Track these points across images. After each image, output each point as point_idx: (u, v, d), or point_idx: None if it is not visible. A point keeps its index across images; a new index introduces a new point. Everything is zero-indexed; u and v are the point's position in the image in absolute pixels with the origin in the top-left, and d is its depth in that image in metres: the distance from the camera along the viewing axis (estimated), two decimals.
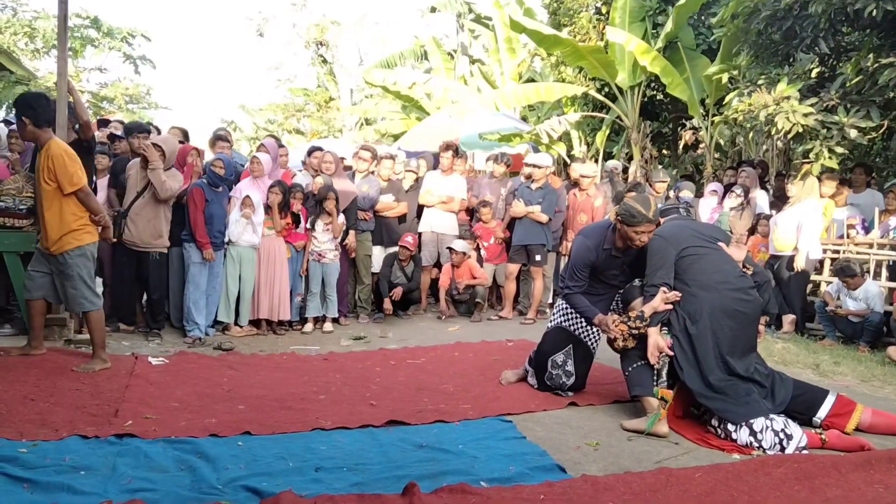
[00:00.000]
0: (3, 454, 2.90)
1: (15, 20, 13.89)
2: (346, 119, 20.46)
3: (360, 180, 7.24)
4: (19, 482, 2.67)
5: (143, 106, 16.17)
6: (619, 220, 3.92)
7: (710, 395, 3.61)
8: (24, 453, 2.95)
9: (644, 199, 3.89)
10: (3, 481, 2.67)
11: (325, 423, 3.59)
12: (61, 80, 5.31)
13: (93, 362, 4.51)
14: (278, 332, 6.29)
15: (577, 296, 4.19)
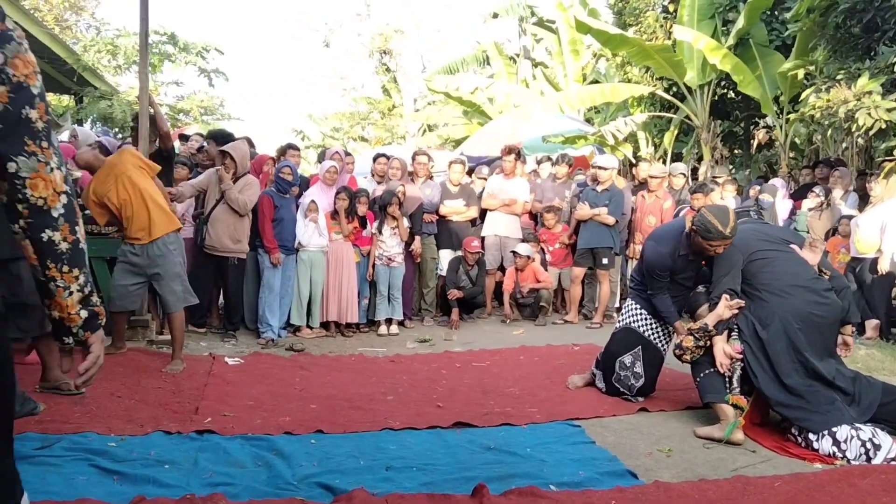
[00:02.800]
0: (94, 448, 3.06)
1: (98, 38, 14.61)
2: (408, 126, 20.68)
3: (422, 185, 7.32)
4: (110, 474, 2.81)
5: (217, 117, 16.76)
6: (694, 230, 3.84)
7: (787, 403, 3.49)
8: (113, 447, 3.10)
9: (723, 214, 3.75)
10: (95, 473, 2.82)
11: (394, 424, 3.65)
12: (143, 95, 5.57)
13: (175, 363, 4.69)
14: (346, 334, 6.41)
15: (661, 298, 4.12)
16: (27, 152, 1.42)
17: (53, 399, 3.70)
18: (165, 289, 4.70)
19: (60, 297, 1.49)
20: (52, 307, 1.51)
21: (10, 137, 1.40)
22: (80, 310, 1.53)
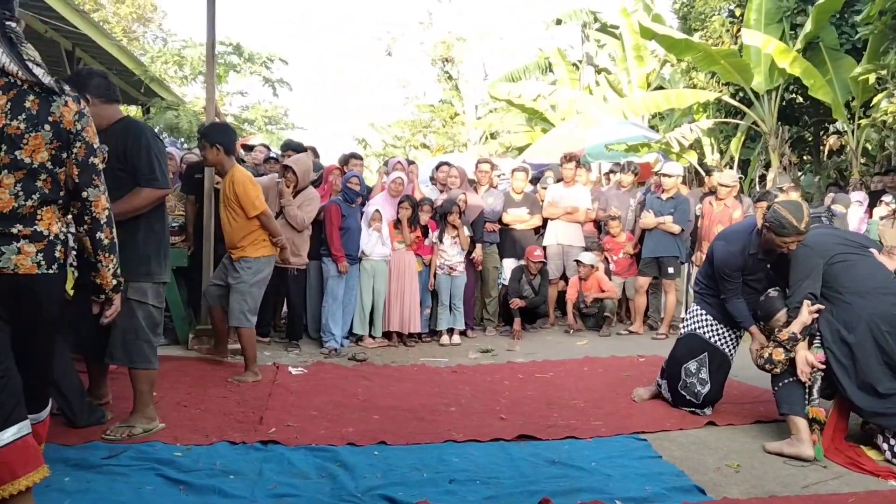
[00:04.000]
0: (161, 457, 3.12)
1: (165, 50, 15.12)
2: (470, 133, 20.71)
3: (485, 193, 7.29)
4: (176, 484, 2.86)
5: (281, 127, 17.15)
6: (767, 227, 3.69)
7: (882, 411, 3.34)
8: (179, 457, 3.16)
9: (796, 208, 3.63)
10: (161, 483, 2.87)
11: (457, 436, 3.61)
12: (209, 105, 5.72)
13: (245, 375, 4.77)
14: (408, 343, 6.42)
15: (734, 302, 3.97)
16: (94, 185, 2.28)
17: (120, 409, 3.80)
18: (232, 301, 4.81)
19: (104, 271, 2.38)
20: (97, 277, 2.39)
21: (84, 175, 2.24)
22: (112, 279, 2.41)
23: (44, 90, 2.10)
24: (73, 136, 2.18)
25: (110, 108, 3.34)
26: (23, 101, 2.08)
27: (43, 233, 2.14)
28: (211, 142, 4.64)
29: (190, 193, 5.75)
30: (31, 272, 2.10)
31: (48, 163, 2.14)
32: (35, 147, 2.10)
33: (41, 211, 2.15)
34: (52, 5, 7.43)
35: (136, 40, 20.76)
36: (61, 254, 2.20)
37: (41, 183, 2.14)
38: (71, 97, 2.19)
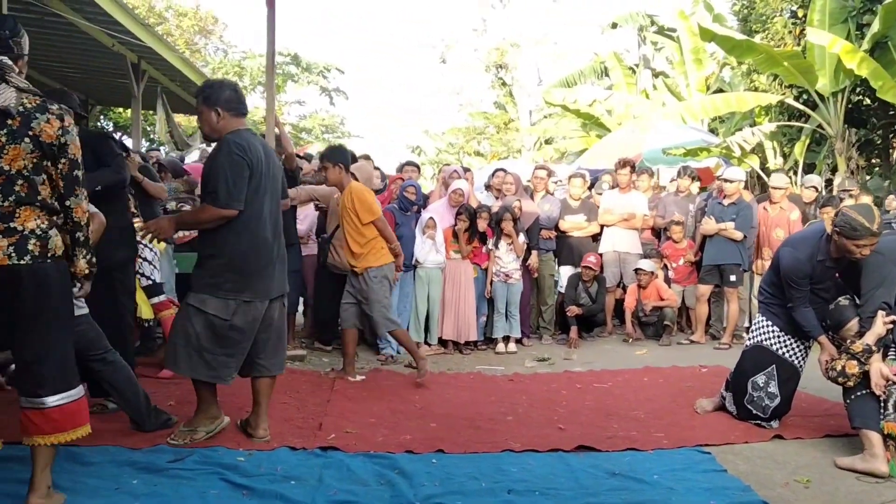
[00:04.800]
0: (224, 462, 3.18)
1: (226, 61, 15.62)
2: (524, 139, 20.63)
3: (541, 200, 7.24)
4: (239, 489, 2.90)
5: (338, 135, 17.47)
6: (838, 231, 3.55)
7: None
8: (241, 462, 3.20)
9: (867, 210, 3.50)
10: (225, 487, 2.92)
11: (515, 445, 3.58)
12: (269, 115, 5.85)
13: (420, 371, 4.98)
14: (464, 351, 6.40)
15: (802, 311, 3.84)
16: (75, 194, 2.61)
17: (186, 411, 3.88)
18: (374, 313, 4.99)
19: (78, 262, 2.67)
20: (72, 266, 2.66)
21: (67, 187, 2.58)
22: (84, 268, 2.68)
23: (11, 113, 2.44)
24: (56, 150, 2.51)
25: (236, 122, 3.41)
26: (5, 119, 2.45)
27: (17, 228, 2.47)
28: (333, 162, 4.92)
29: None
30: (2, 263, 2.43)
31: (24, 170, 2.47)
32: (14, 157, 2.44)
33: (19, 210, 2.48)
34: (120, 20, 7.72)
35: (198, 52, 21.39)
36: (35, 247, 2.48)
37: (18, 187, 2.47)
38: (54, 115, 2.52)
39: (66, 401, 2.58)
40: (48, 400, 2.54)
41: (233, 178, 3.26)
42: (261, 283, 3.41)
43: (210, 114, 3.37)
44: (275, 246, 3.47)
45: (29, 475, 2.58)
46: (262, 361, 3.58)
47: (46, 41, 8.66)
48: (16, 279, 2.46)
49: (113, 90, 11.62)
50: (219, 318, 3.34)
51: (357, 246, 5.01)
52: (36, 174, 2.49)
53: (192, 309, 3.37)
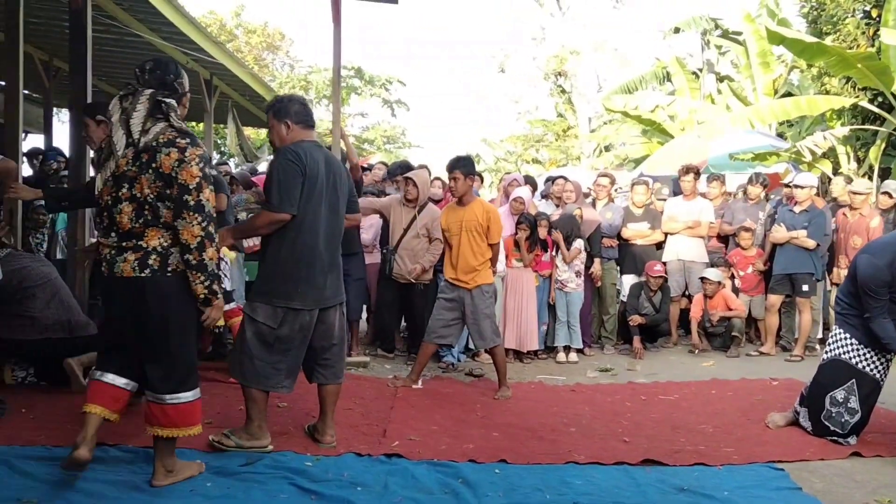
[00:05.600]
0: (293, 466, 3.24)
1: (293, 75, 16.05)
2: (584, 146, 20.43)
3: (603, 207, 7.15)
4: (307, 493, 2.96)
5: (399, 146, 17.71)
6: None
7: None
8: (309, 466, 3.26)
9: None
10: (294, 492, 2.98)
11: (579, 457, 3.54)
12: (336, 128, 5.96)
13: (502, 390, 4.97)
14: (524, 360, 6.37)
15: (881, 322, 3.70)
16: (183, 217, 2.78)
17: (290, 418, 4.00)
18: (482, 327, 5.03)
19: (195, 286, 2.83)
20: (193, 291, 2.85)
21: (176, 210, 2.78)
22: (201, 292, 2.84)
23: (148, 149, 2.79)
24: (172, 179, 2.77)
25: (304, 133, 3.52)
26: (141, 153, 2.80)
27: (143, 246, 2.81)
28: (465, 173, 5.02)
29: None
30: (129, 275, 2.79)
31: (150, 197, 2.78)
32: (143, 185, 2.78)
33: (147, 230, 2.81)
34: (194, 38, 8.04)
35: (266, 67, 22.10)
36: (155, 262, 2.80)
37: (146, 211, 2.80)
38: (177, 148, 2.79)
39: (180, 401, 2.91)
40: (166, 397, 2.89)
41: (285, 183, 3.34)
42: (310, 291, 3.44)
43: (280, 126, 3.50)
44: (326, 255, 3.49)
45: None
46: (320, 370, 3.64)
47: (125, 59, 9.09)
48: (139, 289, 2.81)
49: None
50: (267, 326, 3.41)
51: (475, 261, 5.01)
52: (160, 200, 2.79)
53: (246, 317, 3.50)
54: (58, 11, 6.92)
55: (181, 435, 2.95)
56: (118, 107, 2.86)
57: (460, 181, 5.05)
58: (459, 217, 5.11)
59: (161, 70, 2.93)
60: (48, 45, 8.75)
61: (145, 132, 2.79)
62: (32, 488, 2.87)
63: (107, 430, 3.48)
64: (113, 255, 2.83)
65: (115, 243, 2.82)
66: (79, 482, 2.94)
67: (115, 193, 2.80)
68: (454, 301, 5.10)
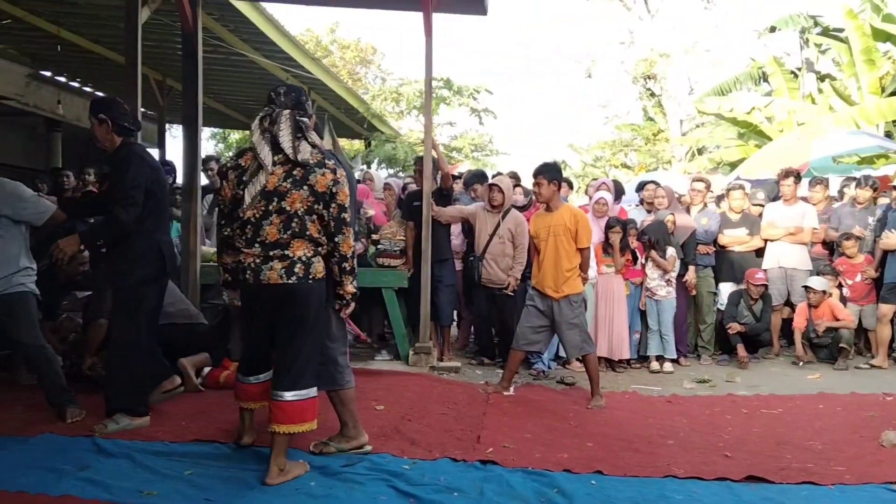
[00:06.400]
0: (391, 469, 3.31)
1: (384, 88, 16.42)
2: (675, 150, 19.85)
3: (698, 213, 6.94)
4: (406, 497, 3.02)
5: (486, 153, 17.77)
6: None
7: None
8: (407, 470, 3.32)
9: None
10: (393, 494, 3.04)
11: (678, 471, 3.44)
12: (427, 138, 6.06)
13: (595, 399, 4.93)
14: (616, 369, 6.26)
15: None
16: (342, 232, 3.14)
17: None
18: (570, 336, 5.03)
19: (346, 286, 3.24)
20: (340, 289, 3.25)
21: (335, 226, 3.13)
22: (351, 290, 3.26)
23: (306, 165, 3.07)
24: (328, 197, 3.08)
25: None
26: (293, 170, 3.06)
27: (289, 255, 3.08)
28: (550, 178, 5.04)
29: (410, 220, 6.12)
30: (276, 282, 3.06)
31: (300, 211, 3.06)
32: (294, 200, 3.05)
33: (293, 241, 3.08)
34: (293, 55, 8.46)
35: (359, 80, 22.80)
36: (300, 270, 3.07)
37: (294, 224, 3.07)
38: (329, 169, 3.11)
39: (298, 398, 3.12)
40: (286, 395, 3.11)
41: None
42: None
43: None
44: None
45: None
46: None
47: (231, 77, 9.63)
48: (285, 294, 3.08)
49: None
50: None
51: (564, 266, 4.98)
52: (308, 214, 3.08)
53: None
54: (171, 35, 7.40)
55: (298, 431, 3.13)
56: (259, 127, 3.10)
57: (544, 186, 5.04)
58: (547, 222, 5.10)
59: (295, 92, 3.24)
60: (161, 66, 9.38)
61: (297, 150, 3.05)
62: (153, 482, 3.07)
63: (218, 430, 3.72)
64: (258, 264, 3.08)
65: (261, 253, 3.08)
66: (194, 477, 3.14)
67: (265, 207, 3.04)
68: (542, 308, 5.09)
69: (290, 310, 3.09)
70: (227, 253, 3.28)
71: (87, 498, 2.86)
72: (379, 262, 6.00)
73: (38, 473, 3.08)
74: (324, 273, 3.17)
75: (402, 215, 6.31)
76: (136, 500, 2.88)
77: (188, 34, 5.80)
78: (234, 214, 3.15)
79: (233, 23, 7.55)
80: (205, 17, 6.32)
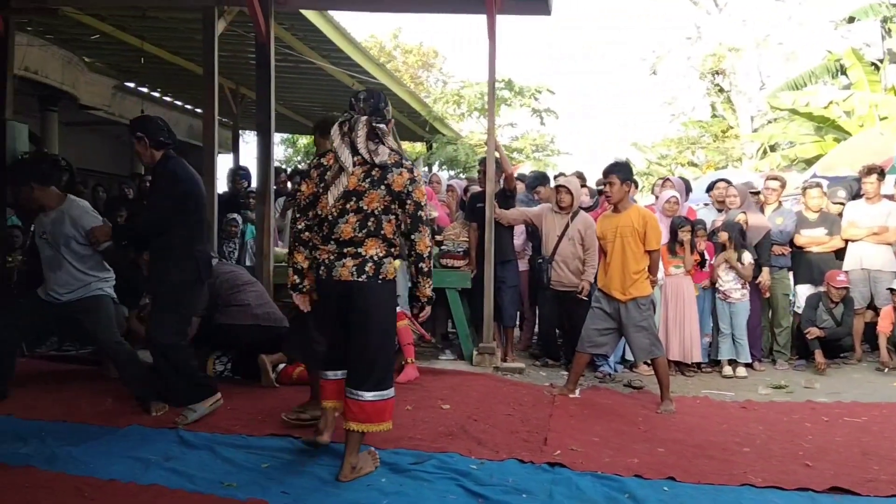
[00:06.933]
0: (459, 468, 3.32)
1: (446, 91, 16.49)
2: (745, 147, 19.21)
3: (773, 212, 6.71)
4: (475, 496, 3.02)
5: (547, 153, 17.62)
6: None
7: None
8: (475, 470, 3.32)
9: None
10: (462, 493, 3.06)
11: (755, 480, 3.33)
12: (490, 139, 6.07)
13: (665, 404, 4.84)
14: (686, 373, 6.11)
15: None
16: (419, 230, 3.21)
17: (421, 415, 4.16)
18: (638, 338, 4.95)
19: (422, 288, 3.27)
20: (417, 291, 3.29)
21: (412, 224, 3.20)
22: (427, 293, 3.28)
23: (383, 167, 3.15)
24: (405, 196, 3.16)
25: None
26: (371, 171, 3.16)
27: (362, 254, 3.14)
28: (622, 178, 4.96)
29: (473, 221, 6.15)
30: (347, 279, 3.13)
31: (376, 210, 3.14)
32: (371, 199, 3.13)
33: (367, 240, 3.15)
34: (359, 62, 8.65)
35: (421, 84, 23.03)
36: (371, 269, 3.13)
37: (370, 223, 3.14)
38: (406, 169, 3.19)
39: (378, 398, 3.17)
40: (365, 395, 3.15)
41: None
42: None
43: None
44: None
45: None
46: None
47: (300, 84, 9.90)
48: (354, 291, 3.14)
49: None
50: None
51: (631, 269, 4.88)
52: (385, 214, 3.15)
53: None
54: (244, 45, 7.67)
55: (374, 430, 3.17)
56: (339, 132, 3.21)
57: (616, 186, 4.95)
58: (615, 224, 5.01)
59: (374, 99, 3.30)
60: (235, 76, 9.74)
61: (375, 153, 3.15)
62: (232, 473, 3.20)
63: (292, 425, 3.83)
64: (332, 261, 3.17)
65: (335, 250, 3.17)
66: (271, 470, 3.25)
67: (343, 206, 3.14)
68: (608, 311, 5.01)
69: (360, 307, 3.15)
70: (299, 251, 3.34)
71: (172, 487, 3.01)
72: (442, 263, 6.04)
73: (127, 463, 3.26)
74: (394, 275, 3.24)
75: (465, 217, 6.34)
76: (218, 490, 3.01)
77: (261, 44, 5.99)
78: (310, 211, 3.28)
79: (302, 31, 7.75)
80: (276, 27, 6.49)
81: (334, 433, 3.38)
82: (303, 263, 3.33)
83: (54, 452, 3.35)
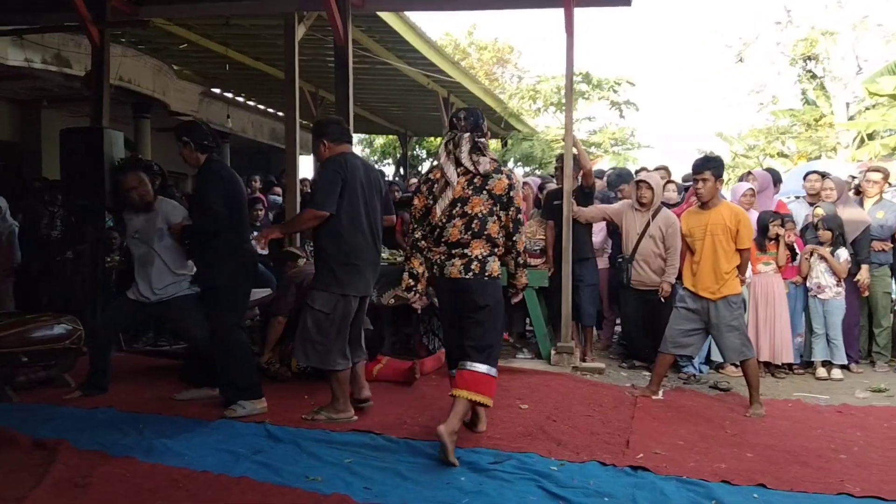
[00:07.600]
0: (539, 469, 3.30)
1: (521, 86, 16.40)
2: (840, 136, 18.19)
3: (873, 206, 6.32)
4: (556, 499, 3.00)
5: (627, 147, 17.22)
6: None
7: None
8: (555, 471, 3.30)
9: None
10: (543, 495, 3.04)
11: (853, 489, 3.16)
12: (568, 135, 6.00)
13: (754, 407, 4.66)
14: (777, 375, 5.85)
15: None
16: (519, 232, 3.65)
17: (499, 415, 4.14)
18: (730, 339, 4.79)
19: (520, 278, 3.78)
20: (514, 279, 3.79)
21: (514, 227, 3.63)
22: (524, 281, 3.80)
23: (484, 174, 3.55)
24: (506, 200, 3.56)
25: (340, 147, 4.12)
26: (473, 178, 3.56)
27: (468, 254, 3.55)
28: (716, 175, 4.81)
29: (549, 219, 6.09)
30: (456, 276, 3.55)
31: (479, 214, 3.53)
32: (475, 204, 3.53)
33: (472, 241, 3.55)
34: (435, 61, 8.75)
35: (496, 80, 22.97)
36: (476, 267, 3.53)
37: (474, 225, 3.54)
38: (504, 175, 3.60)
39: (481, 371, 3.52)
40: (473, 365, 3.51)
41: (326, 186, 3.96)
42: (359, 281, 4.05)
43: (318, 144, 4.15)
44: (371, 251, 4.12)
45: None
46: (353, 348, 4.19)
47: (376, 85, 10.09)
48: (462, 288, 3.57)
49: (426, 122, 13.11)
50: (322, 313, 3.95)
51: (722, 268, 4.71)
52: (489, 216, 3.54)
53: (306, 306, 4.05)
54: (323, 49, 7.87)
55: (475, 399, 3.48)
56: (444, 150, 3.63)
57: (710, 183, 4.75)
58: (704, 221, 4.83)
59: (473, 117, 3.68)
60: (315, 79, 10.04)
61: (478, 163, 3.54)
62: (317, 467, 3.31)
63: (373, 421, 3.96)
64: (443, 261, 3.60)
65: (445, 251, 3.59)
66: (353, 465, 3.34)
67: (450, 212, 3.54)
68: (695, 311, 4.85)
69: (470, 302, 3.54)
70: (415, 256, 3.72)
71: (260, 480, 3.14)
72: None
73: (218, 455, 3.43)
74: (499, 273, 3.60)
75: (542, 214, 6.28)
76: (303, 484, 3.10)
77: (340, 47, 6.12)
78: (424, 221, 3.67)
79: (379, 33, 7.89)
80: (354, 30, 6.63)
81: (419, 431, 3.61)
82: (418, 269, 3.71)
83: (152, 444, 3.54)
